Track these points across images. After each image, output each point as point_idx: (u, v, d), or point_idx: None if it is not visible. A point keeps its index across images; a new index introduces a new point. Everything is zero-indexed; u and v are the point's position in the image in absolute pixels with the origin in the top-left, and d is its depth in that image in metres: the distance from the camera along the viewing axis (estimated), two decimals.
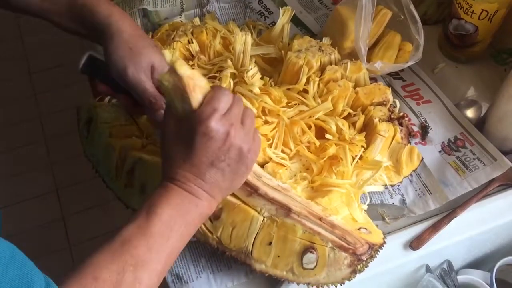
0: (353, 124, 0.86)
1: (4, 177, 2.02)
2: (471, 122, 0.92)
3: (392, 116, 0.87)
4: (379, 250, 0.73)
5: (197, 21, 1.00)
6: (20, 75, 2.37)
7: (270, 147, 0.81)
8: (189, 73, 0.58)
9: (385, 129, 0.83)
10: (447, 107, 0.95)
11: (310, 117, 0.84)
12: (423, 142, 0.91)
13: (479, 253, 0.89)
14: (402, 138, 0.87)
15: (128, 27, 0.71)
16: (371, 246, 0.71)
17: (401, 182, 0.86)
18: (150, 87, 0.71)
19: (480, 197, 0.84)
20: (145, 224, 0.57)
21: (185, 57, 0.92)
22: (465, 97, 0.98)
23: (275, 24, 0.99)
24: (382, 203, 0.85)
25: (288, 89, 0.87)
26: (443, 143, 0.90)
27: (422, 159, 0.87)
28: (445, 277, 0.83)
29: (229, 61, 0.88)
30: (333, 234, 0.70)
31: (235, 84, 0.86)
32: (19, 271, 0.47)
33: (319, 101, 0.86)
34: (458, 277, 0.84)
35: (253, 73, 0.86)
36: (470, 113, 0.95)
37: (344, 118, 0.86)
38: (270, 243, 0.70)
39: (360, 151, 0.82)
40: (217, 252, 0.74)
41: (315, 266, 0.69)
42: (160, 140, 0.63)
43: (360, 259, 0.70)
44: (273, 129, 0.82)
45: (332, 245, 0.69)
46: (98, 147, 0.81)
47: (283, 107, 0.84)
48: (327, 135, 0.82)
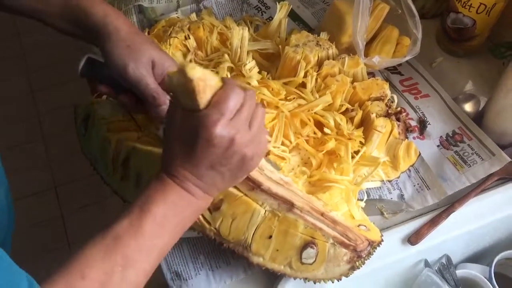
0: (351, 119, 0.86)
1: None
2: (469, 116, 0.92)
3: (389, 111, 0.86)
4: (377, 247, 0.73)
5: (193, 16, 1.00)
6: (18, 74, 2.37)
7: (268, 141, 0.81)
8: (199, 75, 0.55)
9: (382, 125, 0.83)
10: (445, 101, 0.94)
11: (309, 110, 0.83)
12: (421, 137, 0.90)
13: (477, 247, 0.89)
14: (399, 133, 0.86)
15: (124, 25, 0.71)
16: (370, 243, 0.71)
17: (398, 177, 0.86)
18: (152, 83, 0.70)
19: (479, 192, 0.84)
20: (138, 221, 0.57)
21: (182, 53, 0.92)
22: (463, 91, 0.98)
23: (272, 19, 0.99)
24: (380, 198, 0.85)
25: (286, 83, 0.87)
26: (441, 137, 0.90)
27: (420, 154, 0.87)
28: (443, 272, 0.83)
29: (226, 56, 0.87)
30: (335, 230, 0.69)
31: (233, 78, 0.86)
32: (5, 274, 0.47)
33: (316, 95, 0.85)
34: (457, 272, 0.84)
35: (251, 66, 0.86)
36: (468, 107, 0.94)
37: (342, 113, 0.86)
38: (270, 237, 0.69)
39: (362, 150, 0.81)
40: (214, 243, 0.73)
41: (314, 261, 0.69)
42: (165, 132, 0.62)
43: (359, 256, 0.70)
44: (273, 120, 0.81)
45: (333, 241, 0.69)
46: (96, 144, 0.80)
47: (282, 100, 0.84)
48: (325, 129, 0.82)
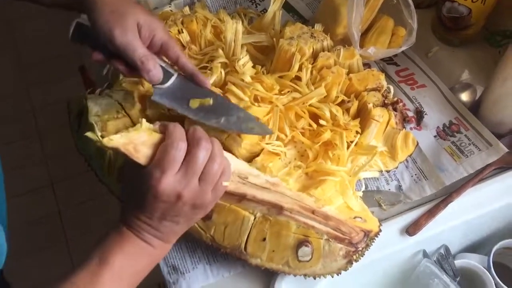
0: (347, 111, 0.85)
1: None
2: (465, 105, 0.91)
3: (386, 102, 0.86)
4: (375, 238, 0.73)
5: (187, 10, 0.99)
6: (12, 70, 2.35)
7: (263, 137, 0.80)
8: (123, 141, 0.55)
9: (379, 114, 0.83)
10: (441, 91, 0.94)
11: (303, 103, 0.83)
12: (418, 127, 0.90)
13: (476, 237, 0.89)
14: (396, 123, 0.86)
15: None
16: (366, 233, 0.71)
17: (396, 167, 0.86)
18: (139, 47, 0.68)
19: (476, 181, 0.84)
20: (97, 271, 0.59)
21: None
22: (459, 81, 0.97)
23: (266, 11, 0.98)
24: (378, 189, 0.84)
25: (281, 76, 0.86)
26: (438, 128, 0.89)
27: (418, 144, 0.86)
28: (442, 262, 0.83)
29: (220, 51, 0.86)
30: (327, 226, 0.69)
31: (227, 74, 0.85)
32: None
33: (312, 88, 0.85)
34: (456, 262, 0.84)
35: (244, 61, 0.85)
36: (464, 96, 0.94)
37: (338, 105, 0.85)
38: (264, 239, 0.71)
39: (356, 138, 0.81)
40: (212, 248, 0.74)
41: (311, 258, 0.70)
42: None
43: (356, 248, 0.69)
44: (267, 114, 0.81)
45: (327, 237, 0.69)
46: (90, 141, 0.79)
47: (276, 94, 0.83)
48: (321, 121, 0.82)
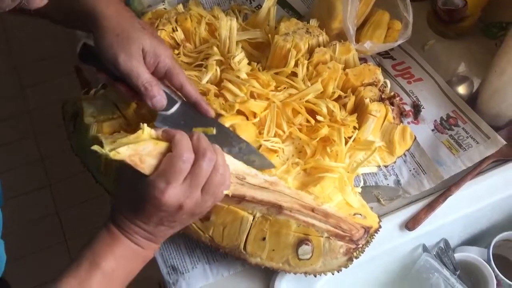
0: (344, 106, 0.85)
1: None
2: (463, 98, 0.91)
3: (383, 96, 0.85)
4: (375, 234, 0.73)
5: (180, 7, 0.98)
6: (6, 70, 2.34)
7: (261, 133, 0.80)
8: (130, 152, 0.54)
9: (376, 109, 0.82)
10: (438, 84, 0.93)
11: (300, 99, 0.82)
12: (415, 121, 0.90)
13: (475, 230, 0.89)
14: (394, 118, 0.86)
15: (113, 12, 0.68)
16: (366, 230, 0.70)
17: (394, 162, 0.85)
18: (144, 73, 0.68)
19: (475, 174, 0.84)
20: (87, 277, 0.58)
21: (170, 46, 0.90)
22: (456, 74, 0.97)
23: (261, 7, 0.97)
24: (376, 185, 0.84)
25: (277, 73, 0.86)
26: (435, 121, 0.89)
27: (415, 138, 0.86)
28: (442, 256, 0.83)
29: (215, 48, 0.86)
30: (327, 224, 0.69)
31: (222, 71, 0.84)
32: None
33: (308, 84, 0.84)
34: (455, 255, 0.84)
35: (239, 58, 0.85)
36: (462, 89, 0.94)
37: (335, 101, 0.85)
38: (263, 239, 0.70)
39: (354, 134, 0.81)
40: (211, 248, 0.74)
41: (311, 256, 0.69)
42: (116, 177, 0.62)
43: (357, 245, 0.69)
44: (265, 110, 0.80)
45: (327, 235, 0.69)
46: (86, 142, 0.79)
47: (272, 91, 0.83)
48: (318, 117, 0.81)
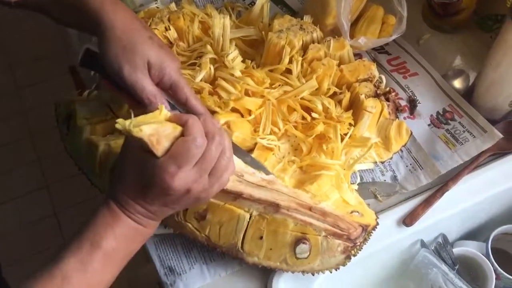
0: (339, 103, 0.84)
1: None
2: (459, 92, 0.91)
3: (378, 92, 0.85)
4: (372, 232, 0.72)
5: (173, 6, 0.97)
6: (1, 70, 2.33)
7: (256, 131, 0.80)
8: (150, 132, 0.53)
9: (372, 105, 0.82)
10: (434, 78, 0.93)
11: (295, 96, 0.82)
12: (411, 116, 0.89)
13: (473, 224, 0.89)
14: (389, 113, 0.85)
15: (120, 21, 0.67)
16: (364, 228, 0.70)
17: (391, 158, 0.85)
18: (148, 85, 0.67)
19: (472, 168, 0.84)
20: (88, 258, 0.57)
21: None
22: (452, 67, 0.96)
23: (254, 4, 0.97)
24: (373, 181, 0.84)
25: (271, 70, 0.85)
26: (431, 116, 0.89)
27: (411, 133, 0.86)
28: (440, 251, 0.82)
29: (208, 46, 0.85)
30: (325, 223, 0.69)
31: (216, 69, 0.84)
32: None
33: (303, 81, 0.84)
34: (454, 250, 0.84)
35: (233, 56, 0.84)
36: (457, 83, 0.93)
37: (330, 97, 0.84)
38: (261, 238, 0.70)
39: (350, 130, 0.80)
40: (208, 248, 0.73)
41: (309, 255, 0.69)
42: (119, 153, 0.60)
43: (354, 243, 0.69)
44: (260, 107, 0.80)
45: (325, 234, 0.68)
46: (80, 144, 0.78)
47: (267, 88, 0.82)
48: (313, 114, 0.81)
